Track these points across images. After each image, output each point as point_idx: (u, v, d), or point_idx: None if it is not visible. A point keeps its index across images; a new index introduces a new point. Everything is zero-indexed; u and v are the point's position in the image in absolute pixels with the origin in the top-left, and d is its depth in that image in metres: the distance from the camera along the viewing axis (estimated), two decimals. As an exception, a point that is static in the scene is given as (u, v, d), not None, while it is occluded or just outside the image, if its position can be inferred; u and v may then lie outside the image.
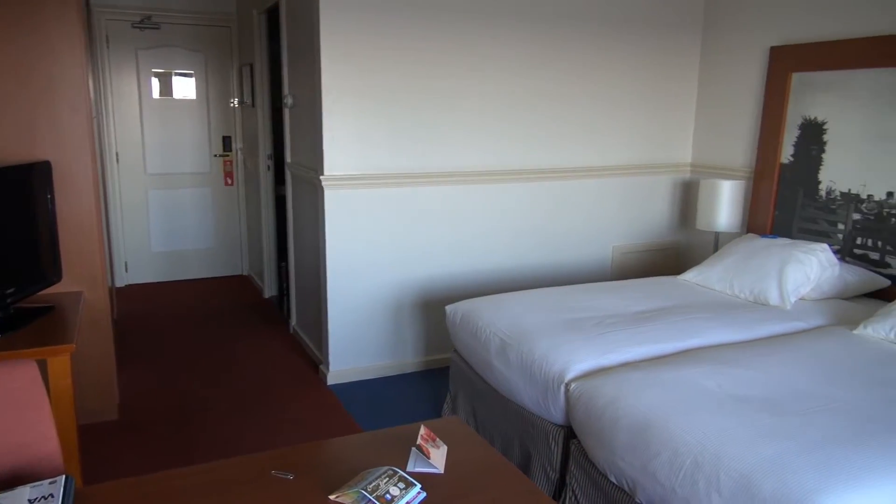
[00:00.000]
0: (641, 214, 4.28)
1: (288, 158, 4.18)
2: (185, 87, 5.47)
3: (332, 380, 3.63)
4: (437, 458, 1.38)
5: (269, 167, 4.99)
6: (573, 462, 2.32)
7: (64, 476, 1.27)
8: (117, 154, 5.30)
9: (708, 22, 4.13)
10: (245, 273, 5.86)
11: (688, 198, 4.35)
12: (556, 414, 2.39)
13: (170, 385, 3.59)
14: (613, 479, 2.09)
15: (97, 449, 2.91)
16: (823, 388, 2.12)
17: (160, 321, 4.62)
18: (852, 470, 1.65)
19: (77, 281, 2.93)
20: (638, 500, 1.99)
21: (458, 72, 3.59)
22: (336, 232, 3.49)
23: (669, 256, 4.39)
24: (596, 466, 2.17)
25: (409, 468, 1.38)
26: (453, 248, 3.77)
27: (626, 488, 2.03)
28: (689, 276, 3.43)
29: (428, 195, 3.65)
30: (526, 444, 2.59)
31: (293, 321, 4.41)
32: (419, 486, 1.28)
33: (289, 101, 4.02)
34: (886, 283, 3.17)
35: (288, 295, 4.51)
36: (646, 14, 3.99)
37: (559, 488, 2.43)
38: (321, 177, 3.41)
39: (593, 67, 3.93)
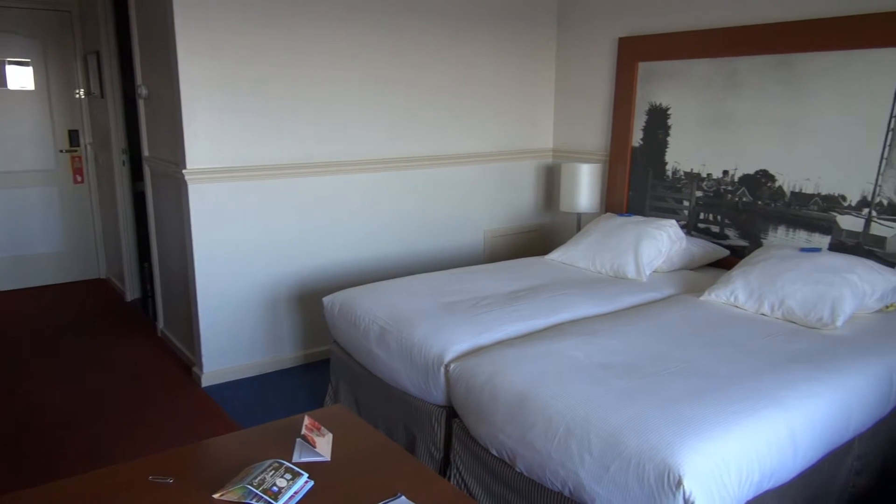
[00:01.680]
0: (510, 199, 4.45)
1: (145, 152, 3.95)
2: (20, 77, 5.00)
3: (206, 381, 3.50)
4: (323, 447, 1.40)
5: (123, 162, 4.69)
6: (456, 440, 2.39)
7: None
8: (-57, 152, 4.78)
9: (562, 13, 4.35)
10: (103, 276, 5.49)
11: (551, 182, 4.57)
12: (438, 395, 2.46)
13: (23, 401, 3.31)
14: (495, 452, 2.18)
15: (-59, 478, 2.64)
16: (675, 350, 2.33)
17: (8, 332, 4.23)
18: (700, 422, 1.84)
19: None
20: (518, 470, 2.10)
21: (327, 60, 3.55)
22: (203, 228, 3.36)
23: (537, 238, 4.60)
24: (478, 442, 2.26)
25: (296, 459, 1.38)
26: (329, 239, 3.74)
27: (506, 459, 2.14)
28: (556, 255, 3.62)
29: (301, 186, 3.59)
30: (410, 428, 2.64)
31: (160, 324, 4.19)
32: (306, 475, 1.29)
33: (143, 91, 3.79)
34: (726, 252, 3.52)
35: (153, 296, 4.28)
36: (504, 5, 4.13)
37: (444, 467, 2.50)
38: (184, 171, 3.26)
39: (458, 56, 4.02)
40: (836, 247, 3.11)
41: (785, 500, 2.02)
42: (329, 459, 1.39)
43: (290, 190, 3.57)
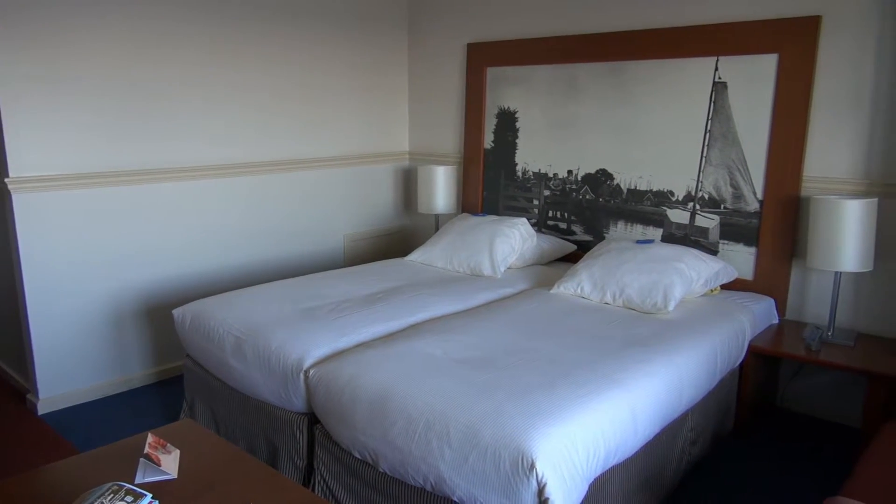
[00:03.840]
0: (368, 202, 4.46)
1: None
2: None
3: (43, 408, 3.21)
4: (169, 464, 1.33)
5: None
6: (319, 447, 2.36)
7: None
8: None
9: (412, 19, 4.42)
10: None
11: (408, 184, 4.63)
12: (298, 402, 2.42)
13: None
14: (357, 455, 2.18)
15: None
16: (527, 342, 2.45)
17: None
18: (550, 409, 1.94)
19: None
20: (381, 470, 2.11)
21: (175, 60, 3.36)
22: (32, 242, 3.07)
23: (397, 240, 4.64)
24: (340, 446, 2.25)
25: (139, 480, 1.31)
26: (179, 249, 3.55)
27: (369, 461, 2.14)
28: (414, 256, 3.68)
29: (145, 194, 3.38)
30: (271, 439, 2.57)
31: (-14, 349, 3.79)
32: (150, 496, 1.23)
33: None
34: (574, 247, 3.73)
35: (-24, 320, 3.85)
36: (354, 9, 4.13)
37: (308, 475, 2.46)
38: (6, 180, 2.97)
39: (311, 60, 3.97)
40: (668, 238, 3.40)
41: (629, 472, 2.18)
42: (176, 477, 1.32)
43: (133, 198, 3.35)
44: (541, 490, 1.76)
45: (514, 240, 3.49)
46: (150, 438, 1.34)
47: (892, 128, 2.80)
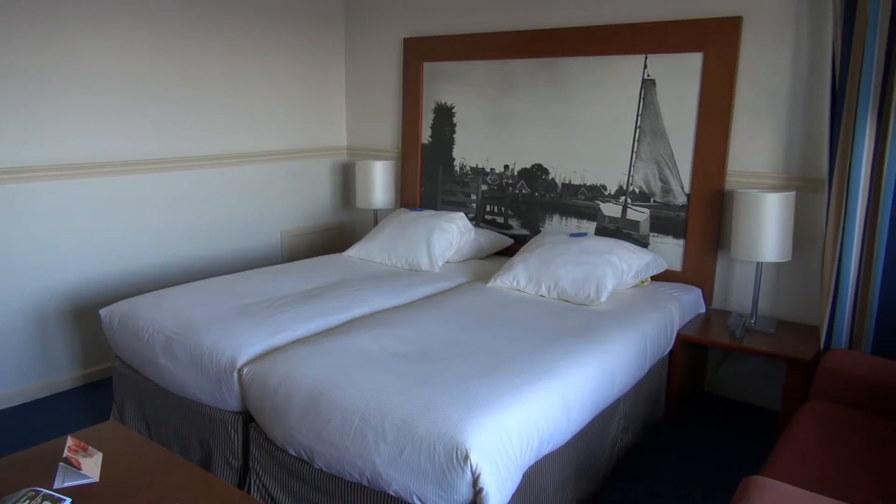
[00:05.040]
0: (306, 197, 4.40)
1: None
2: None
3: (-40, 416, 3.06)
4: (90, 468, 1.29)
5: None
6: (254, 445, 2.33)
7: None
8: None
9: (348, 12, 4.38)
10: None
11: (347, 179, 4.59)
12: (232, 401, 2.38)
13: None
14: (293, 453, 2.16)
15: None
16: (463, 334, 2.47)
17: None
18: (485, 399, 1.97)
19: None
20: (317, 467, 2.10)
21: (100, 51, 3.24)
22: (-54, 240, 2.92)
23: (336, 236, 4.60)
24: (275, 444, 2.22)
25: (57, 485, 1.27)
26: (107, 247, 3.43)
27: (305, 458, 2.12)
28: (352, 251, 3.66)
29: (71, 190, 3.25)
30: (205, 439, 2.52)
31: None
32: (69, 500, 1.19)
33: None
34: (510, 241, 3.78)
35: None
36: (289, 1, 4.06)
37: (244, 474, 2.42)
38: (-84, 175, 2.81)
39: (250, 54, 3.89)
40: (601, 231, 3.48)
41: (563, 460, 2.23)
42: (98, 481, 1.29)
43: (57, 194, 3.21)
44: (475, 480, 1.78)
45: (452, 234, 3.51)
46: (70, 442, 1.30)
47: (808, 124, 2.94)
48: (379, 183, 4.09)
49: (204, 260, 3.86)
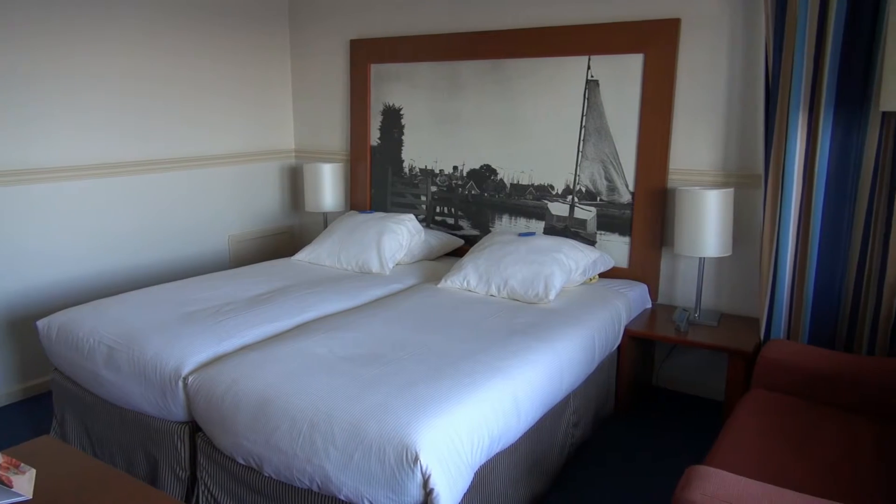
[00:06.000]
0: (254, 202, 4.34)
1: None
2: None
3: None
4: (23, 485, 1.24)
5: None
6: (202, 455, 2.28)
7: None
8: None
9: (293, 14, 4.34)
10: None
11: (296, 183, 4.54)
12: (178, 412, 2.32)
13: None
14: (241, 461, 2.12)
15: None
16: (414, 336, 2.47)
17: None
18: (434, 400, 1.97)
19: None
20: (266, 474, 2.06)
21: (37, 48, 3.12)
22: None
23: (285, 240, 4.54)
24: (223, 453, 2.18)
25: (-13, 504, 1.22)
26: (45, 255, 3.31)
27: (254, 466, 2.09)
28: (302, 255, 3.62)
29: (4, 197, 3.13)
30: (151, 451, 2.46)
31: None
32: (0, 519, 1.14)
33: None
34: (461, 242, 3.80)
35: None
36: (233, 2, 4.00)
37: (192, 485, 2.37)
38: None
39: (194, 57, 3.81)
40: (549, 230, 3.52)
41: (515, 458, 2.25)
42: (31, 498, 1.24)
43: (-13, 202, 3.09)
44: (426, 482, 1.78)
45: (402, 236, 3.50)
46: (1, 459, 1.25)
47: (745, 122, 3.03)
48: (328, 186, 4.06)
49: (149, 267, 3.76)
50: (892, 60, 2.16)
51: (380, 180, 4.09)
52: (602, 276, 3.32)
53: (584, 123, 3.36)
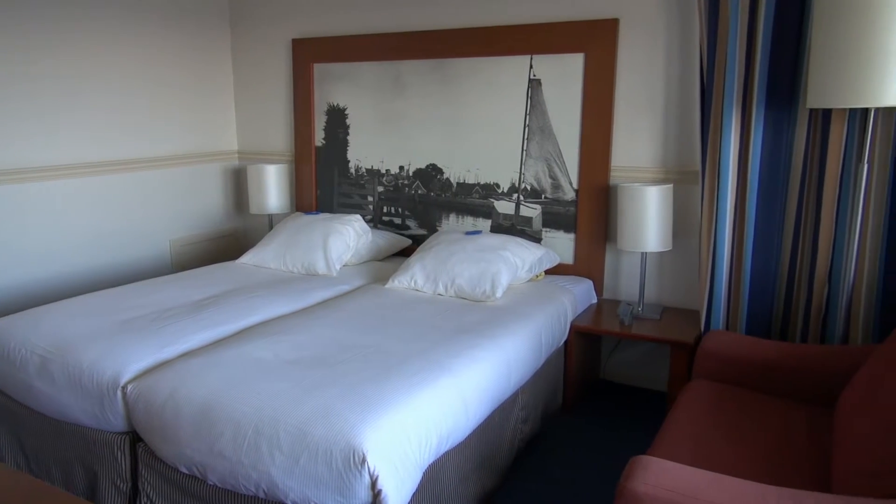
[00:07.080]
0: (196, 205, 4.24)
1: None
2: None
3: None
4: (-56, 504, 1.18)
5: None
6: (143, 466, 2.22)
7: None
8: None
9: (234, 13, 4.25)
10: None
11: (239, 185, 4.46)
12: (117, 422, 2.25)
13: None
14: (185, 470, 2.07)
15: None
16: (361, 337, 2.45)
17: None
18: (381, 400, 1.96)
19: None
20: (211, 483, 2.02)
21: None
22: None
23: (230, 243, 4.45)
24: (166, 463, 2.12)
25: None
26: (-31, 264, 3.16)
27: (197, 475, 2.04)
28: (246, 258, 3.55)
29: (-79, 205, 2.98)
30: (90, 464, 2.37)
31: None
32: (-82, 542, 1.08)
33: None
34: (409, 242, 3.79)
35: None
36: (171, 4, 3.89)
37: (133, 497, 2.30)
38: None
39: (131, 56, 3.69)
40: (496, 228, 3.55)
41: (464, 456, 2.25)
42: (-46, 517, 1.18)
43: None
44: (373, 483, 1.77)
45: (349, 237, 3.47)
46: (-80, 478, 1.18)
47: (682, 120, 3.11)
48: (273, 187, 4.00)
49: (86, 274, 3.64)
50: (817, 60, 2.25)
51: (325, 181, 4.05)
52: (548, 272, 3.36)
53: (527, 122, 3.39)
